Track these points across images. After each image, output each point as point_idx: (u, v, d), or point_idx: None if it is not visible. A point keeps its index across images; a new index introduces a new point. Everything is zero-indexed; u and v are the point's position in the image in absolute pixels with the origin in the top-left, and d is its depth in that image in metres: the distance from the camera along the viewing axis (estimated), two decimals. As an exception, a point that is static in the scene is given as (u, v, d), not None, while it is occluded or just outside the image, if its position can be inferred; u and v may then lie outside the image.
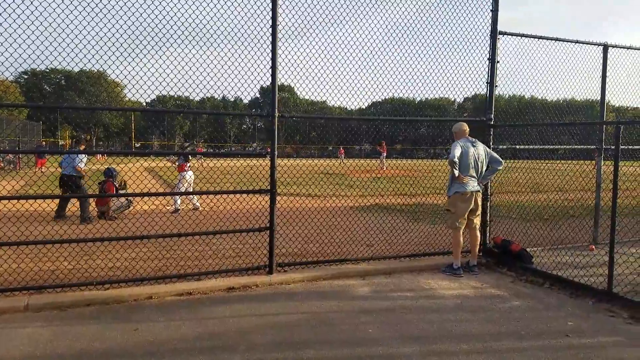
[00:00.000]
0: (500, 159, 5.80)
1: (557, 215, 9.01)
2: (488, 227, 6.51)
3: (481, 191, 5.86)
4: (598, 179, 6.96)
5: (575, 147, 6.65)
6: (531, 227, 6.94)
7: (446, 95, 6.38)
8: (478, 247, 5.99)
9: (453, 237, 5.85)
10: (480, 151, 5.76)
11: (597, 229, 7.08)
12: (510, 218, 7.29)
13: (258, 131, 75.41)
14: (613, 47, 6.69)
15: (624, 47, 6.75)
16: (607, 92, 6.71)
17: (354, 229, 7.31)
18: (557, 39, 6.43)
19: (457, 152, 5.60)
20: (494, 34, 6.20)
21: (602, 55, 6.68)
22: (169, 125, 73.52)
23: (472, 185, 5.69)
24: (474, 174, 5.71)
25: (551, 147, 6.46)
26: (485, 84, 6.32)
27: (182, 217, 8.75)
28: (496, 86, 6.27)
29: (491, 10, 6.22)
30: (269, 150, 5.40)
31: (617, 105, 8.24)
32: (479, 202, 5.83)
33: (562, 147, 6.56)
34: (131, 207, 9.93)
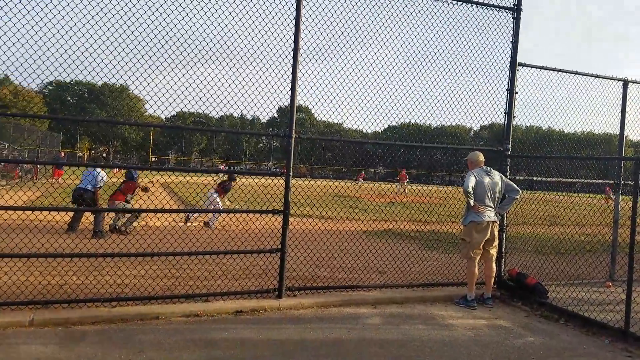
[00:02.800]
0: (518, 188, 5.69)
1: (573, 249, 8.78)
2: (503, 259, 6.36)
3: (498, 222, 5.74)
4: (616, 214, 6.79)
5: (592, 181, 6.51)
6: (547, 260, 6.76)
7: (464, 123, 6.33)
8: (493, 279, 5.83)
9: (467, 267, 5.72)
10: (496, 180, 5.67)
11: (614, 265, 6.88)
12: (525, 251, 7.12)
13: (274, 150, 75.99)
14: (633, 82, 6.61)
15: (645, 83, 6.67)
16: (626, 127, 6.60)
17: (366, 254, 7.20)
18: (576, 73, 6.38)
19: (471, 182, 5.51)
20: (513, 65, 6.18)
21: (621, 90, 6.59)
22: (186, 141, 74.55)
23: (489, 215, 5.58)
24: (490, 204, 5.60)
25: (568, 180, 6.33)
26: (504, 114, 6.27)
27: (194, 235, 8.76)
28: (514, 117, 6.21)
29: (511, 42, 6.21)
30: (284, 170, 5.40)
31: (636, 140, 8.10)
32: (496, 233, 5.70)
33: (578, 180, 6.42)
34: (139, 219, 9.89)
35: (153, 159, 62.27)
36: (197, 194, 12.06)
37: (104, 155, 71.14)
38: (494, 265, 5.82)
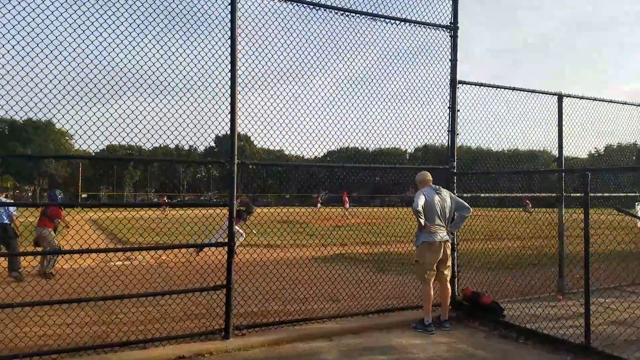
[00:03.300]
0: (468, 206, 5.64)
1: (518, 264, 8.95)
2: (456, 279, 6.26)
3: (450, 241, 5.64)
4: (560, 227, 6.95)
5: (540, 195, 6.65)
6: (495, 277, 6.77)
7: (406, 144, 6.26)
8: (449, 300, 5.69)
9: (423, 290, 5.54)
10: (445, 198, 5.59)
11: (562, 278, 6.99)
12: (473, 267, 7.09)
13: (213, 180, 74.14)
14: (567, 96, 6.90)
15: (577, 97, 6.99)
16: (563, 141, 6.84)
17: (318, 282, 6.83)
18: (513, 88, 6.56)
19: (420, 201, 5.39)
20: (454, 83, 6.24)
21: (557, 104, 6.86)
22: (118, 175, 71.04)
23: (441, 234, 5.46)
24: (442, 223, 5.50)
25: (517, 194, 6.42)
26: (447, 132, 6.28)
27: (130, 271, 7.97)
28: (457, 134, 6.24)
29: (450, 60, 6.28)
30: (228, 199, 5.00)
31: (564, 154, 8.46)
32: (448, 253, 5.59)
33: (526, 194, 6.53)
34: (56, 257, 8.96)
35: (83, 195, 58.47)
36: (204, 226, 11.18)
37: (30, 194, 65.98)
38: (449, 286, 5.69)
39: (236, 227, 12.04)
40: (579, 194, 6.93)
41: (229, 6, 4.97)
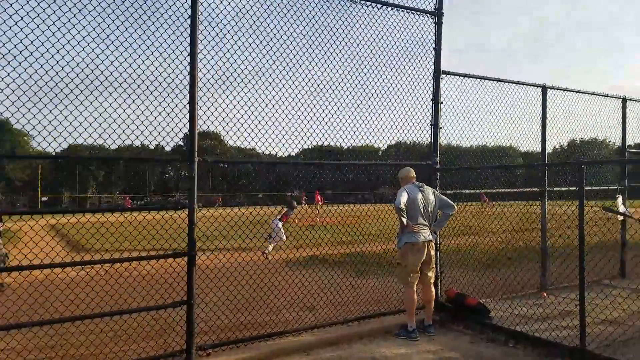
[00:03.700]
0: (452, 204, 5.27)
1: (497, 259, 8.67)
2: (439, 280, 5.89)
3: (434, 241, 5.24)
4: (543, 221, 6.68)
5: (522, 190, 6.35)
6: (477, 275, 6.44)
7: (389, 140, 5.82)
8: (433, 303, 5.30)
9: (405, 294, 5.13)
10: (429, 196, 5.20)
11: (545, 274, 6.73)
12: (454, 266, 6.73)
13: (182, 180, 72.28)
14: (551, 88, 6.63)
15: (560, 89, 6.73)
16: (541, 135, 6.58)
17: (291, 289, 6.33)
18: (498, 80, 6.23)
19: (403, 198, 4.97)
20: (437, 73, 5.85)
21: (541, 96, 6.58)
22: (80, 176, 68.43)
23: (424, 234, 5.06)
24: (425, 222, 5.10)
25: (500, 190, 6.10)
26: (430, 126, 5.88)
27: (87, 283, 7.23)
28: (441, 128, 5.85)
29: (434, 49, 5.88)
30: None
31: (527, 150, 8.19)
32: (432, 253, 5.20)
33: (510, 190, 6.22)
34: (7, 262, 8.16)
35: (43, 198, 55.75)
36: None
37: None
38: (432, 289, 5.30)
39: (279, 226, 12.53)
40: (563, 188, 6.73)
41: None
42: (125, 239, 4.61)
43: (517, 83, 6.40)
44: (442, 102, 5.84)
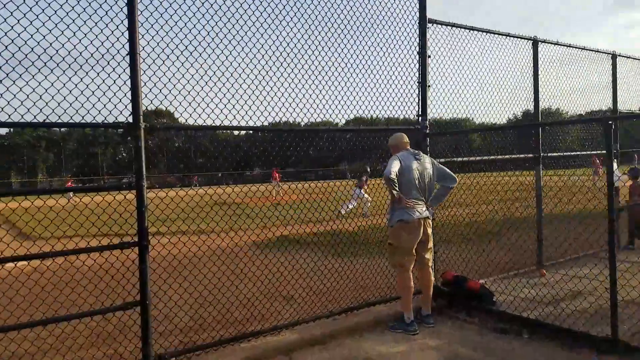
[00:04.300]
0: (453, 175, 4.54)
1: (484, 233, 8.16)
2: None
3: (431, 218, 4.53)
4: (538, 189, 6.13)
5: (517, 156, 5.75)
6: (464, 251, 5.87)
7: (372, 111, 5.02)
8: (432, 289, 4.63)
9: (400, 279, 4.43)
10: (426, 166, 4.46)
11: (541, 249, 6.22)
12: (443, 242, 6.12)
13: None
14: (542, 42, 6.00)
15: (552, 43, 6.11)
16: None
17: (264, 276, 5.52)
18: (488, 31, 5.52)
19: (394, 167, 4.20)
20: (423, 21, 5.05)
21: (531, 50, 5.94)
22: (29, 160, 64.50)
23: (420, 210, 4.33)
24: (420, 195, 4.37)
25: (493, 157, 5.46)
26: (417, 84, 5.11)
27: (30, 277, 6.10)
28: (429, 86, 5.10)
29: (417, -8, 5.07)
30: (136, 179, 3.50)
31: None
32: (429, 232, 4.49)
33: (504, 157, 5.60)
34: None
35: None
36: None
37: None
38: (431, 272, 4.62)
39: (362, 192, 13.08)
40: (555, 154, 6.20)
41: None
42: (69, 226, 3.64)
43: (507, 35, 5.72)
44: (429, 56, 5.07)
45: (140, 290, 3.46)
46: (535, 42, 5.94)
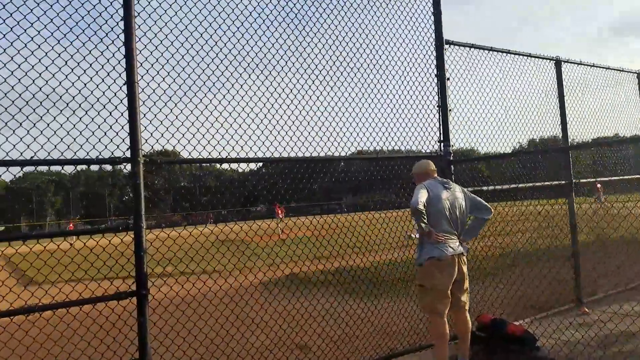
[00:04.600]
0: (488, 206, 4.08)
1: (503, 267, 7.59)
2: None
3: (466, 254, 4.06)
4: (571, 218, 5.66)
5: (550, 183, 5.31)
6: (488, 288, 5.35)
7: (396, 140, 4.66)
8: (470, 335, 4.10)
9: (433, 326, 3.91)
10: (457, 195, 4.01)
11: (579, 284, 5.68)
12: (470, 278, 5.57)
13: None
14: (565, 62, 5.69)
15: (575, 63, 5.80)
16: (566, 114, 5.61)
17: (273, 321, 4.97)
18: (508, 52, 5.22)
19: (421, 196, 3.77)
20: (440, 42, 4.74)
21: (554, 71, 5.62)
22: (37, 203, 64.78)
23: (453, 246, 3.86)
24: (452, 229, 3.91)
25: (524, 185, 5.02)
26: (437, 108, 4.76)
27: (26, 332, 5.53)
28: (450, 110, 4.75)
29: (432, 14, 4.79)
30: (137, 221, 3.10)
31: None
32: (464, 270, 4.00)
33: (534, 184, 5.15)
34: None
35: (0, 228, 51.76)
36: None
37: None
38: (468, 317, 4.09)
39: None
40: (591, 180, 5.77)
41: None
42: (65, 269, 3.22)
43: (529, 56, 5.41)
44: (448, 78, 4.74)
45: (139, 348, 2.99)
46: (558, 63, 5.63)
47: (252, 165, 4.05)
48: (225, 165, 4.41)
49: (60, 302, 2.97)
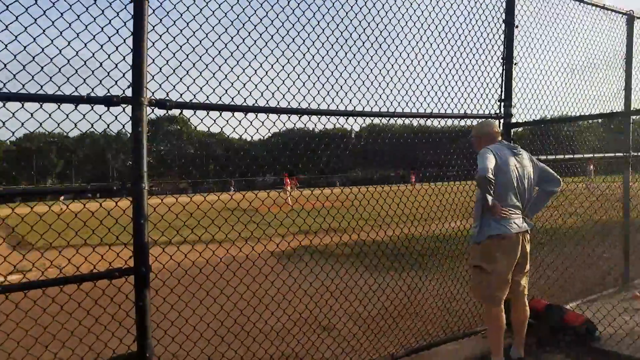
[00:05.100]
0: (558, 177, 3.43)
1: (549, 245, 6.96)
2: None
3: (529, 232, 3.41)
4: (626, 198, 5.00)
5: (602, 155, 4.61)
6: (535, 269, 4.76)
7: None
8: (526, 324, 3.50)
9: (487, 315, 3.33)
10: (526, 164, 3.34)
11: (627, 266, 5.09)
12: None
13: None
14: (639, 18, 4.91)
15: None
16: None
17: (292, 298, 4.33)
18: (580, 0, 4.44)
19: (489, 162, 3.09)
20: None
21: (625, 26, 4.85)
22: (38, 165, 64.58)
23: (518, 222, 3.23)
24: (518, 203, 3.26)
25: (586, 156, 4.35)
26: (501, 61, 4.02)
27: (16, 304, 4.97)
28: (516, 64, 4.02)
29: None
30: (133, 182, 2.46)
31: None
32: (527, 250, 3.37)
33: (594, 155, 4.46)
34: None
35: (-4, 188, 51.78)
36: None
37: None
38: (527, 304, 3.49)
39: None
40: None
41: None
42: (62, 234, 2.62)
43: (603, 7, 4.63)
44: (517, 26, 3.99)
45: (138, 337, 2.40)
46: (630, 18, 4.84)
47: (263, 132, 3.37)
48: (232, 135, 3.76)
49: (46, 280, 2.38)
